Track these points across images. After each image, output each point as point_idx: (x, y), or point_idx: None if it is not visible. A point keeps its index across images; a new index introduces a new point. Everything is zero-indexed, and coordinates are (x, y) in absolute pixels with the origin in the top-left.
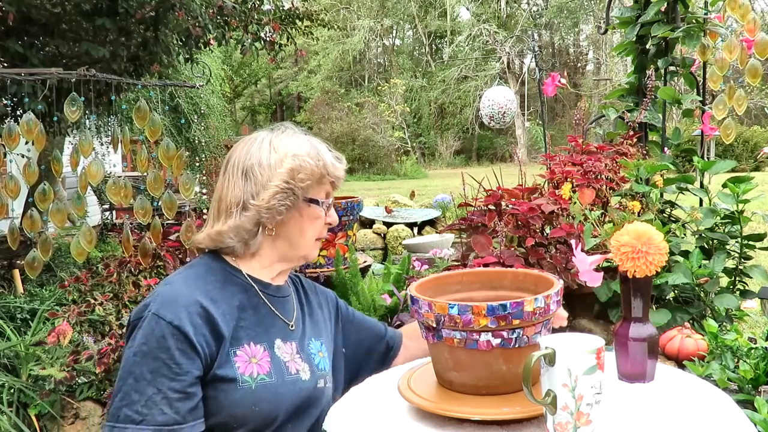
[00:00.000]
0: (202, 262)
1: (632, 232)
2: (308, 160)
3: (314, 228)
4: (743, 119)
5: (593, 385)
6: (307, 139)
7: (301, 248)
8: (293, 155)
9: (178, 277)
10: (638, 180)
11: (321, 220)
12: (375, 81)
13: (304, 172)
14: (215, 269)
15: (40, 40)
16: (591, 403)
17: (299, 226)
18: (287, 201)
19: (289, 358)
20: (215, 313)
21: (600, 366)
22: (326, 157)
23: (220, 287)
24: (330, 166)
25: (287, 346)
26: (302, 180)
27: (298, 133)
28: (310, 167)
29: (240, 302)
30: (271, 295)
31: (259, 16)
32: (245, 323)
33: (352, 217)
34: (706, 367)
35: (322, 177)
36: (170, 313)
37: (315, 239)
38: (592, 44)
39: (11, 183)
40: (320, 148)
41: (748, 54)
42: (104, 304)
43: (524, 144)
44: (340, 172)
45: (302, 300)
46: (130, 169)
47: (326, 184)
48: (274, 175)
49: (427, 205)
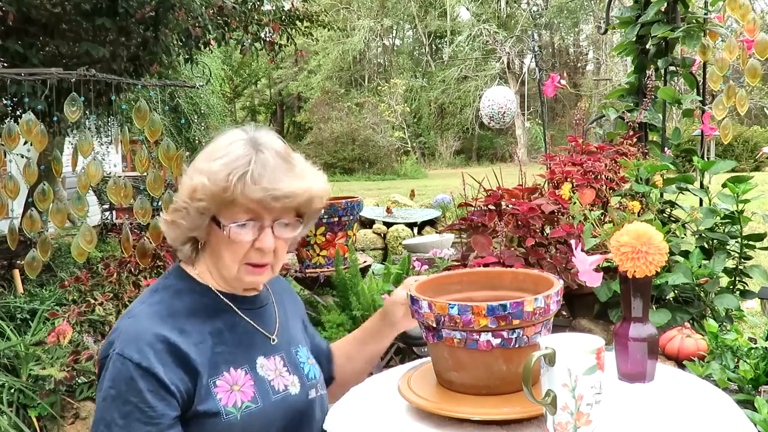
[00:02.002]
0: (168, 285)
1: (632, 232)
2: (206, 181)
3: (232, 252)
4: (743, 119)
5: (593, 385)
6: (245, 149)
7: (223, 270)
8: (198, 170)
9: (141, 308)
10: (638, 180)
11: (238, 245)
12: (375, 81)
13: (201, 193)
14: (182, 292)
15: (40, 40)
16: (591, 403)
17: (217, 247)
18: (185, 221)
19: (273, 376)
20: (185, 347)
21: (600, 366)
22: (235, 178)
23: (189, 314)
24: (243, 188)
25: (270, 361)
26: (200, 200)
27: (240, 138)
28: (209, 189)
29: (213, 327)
30: (248, 309)
31: (259, 17)
32: (222, 348)
33: (352, 217)
34: (706, 367)
35: (227, 200)
36: (136, 353)
37: (240, 263)
38: (592, 44)
39: (11, 183)
40: (238, 163)
41: (748, 54)
42: (104, 304)
43: (524, 144)
44: (260, 194)
45: (284, 304)
46: (130, 169)
47: (245, 205)
48: (180, 190)
49: (427, 205)
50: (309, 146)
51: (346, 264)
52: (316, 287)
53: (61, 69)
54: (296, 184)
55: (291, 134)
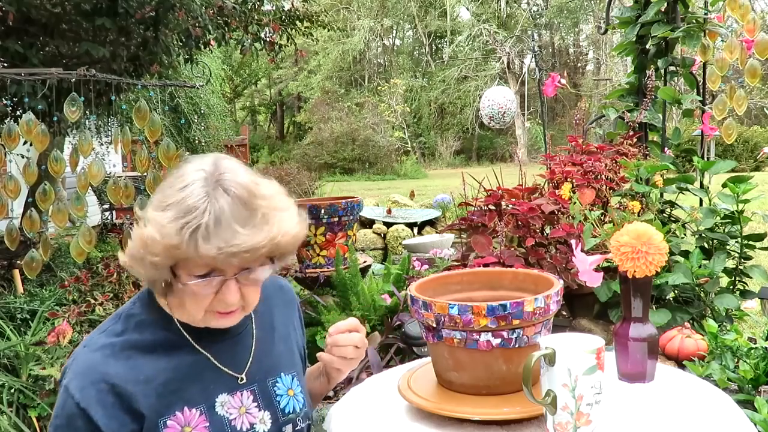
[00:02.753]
0: (133, 313)
1: (632, 232)
2: (156, 235)
3: (195, 303)
4: (743, 119)
5: (593, 385)
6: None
7: (189, 317)
8: (149, 219)
9: (98, 339)
10: (638, 180)
11: (201, 297)
12: (375, 81)
13: (153, 247)
14: (144, 324)
15: (40, 40)
16: (591, 403)
17: (179, 295)
18: (142, 270)
19: (237, 414)
20: (131, 387)
21: (600, 366)
22: (186, 235)
23: (147, 349)
24: (195, 246)
25: (236, 398)
26: (154, 255)
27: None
28: (160, 244)
29: (170, 364)
30: (215, 343)
31: (259, 17)
32: (176, 385)
33: (352, 217)
34: (706, 367)
35: (181, 256)
36: (78, 392)
37: (206, 311)
38: (592, 44)
39: (11, 183)
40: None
41: (748, 54)
42: (104, 304)
43: (524, 144)
44: (214, 252)
45: (272, 325)
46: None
47: (199, 262)
48: (134, 238)
49: (427, 205)
50: (309, 146)
51: (346, 264)
52: (316, 287)
53: (61, 69)
54: (256, 237)
55: (291, 134)
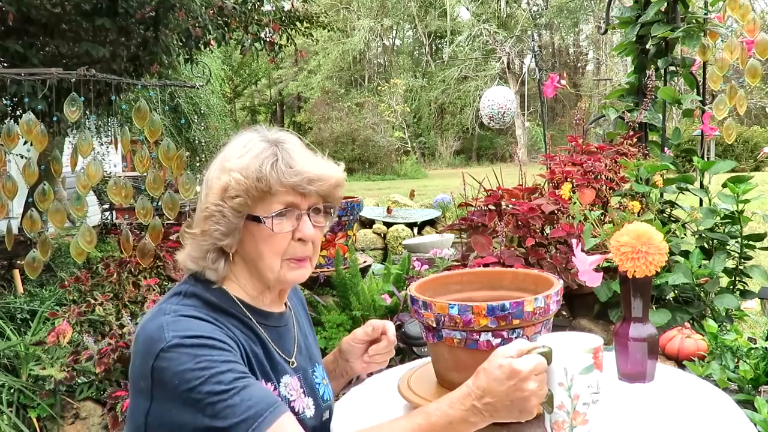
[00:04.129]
0: (196, 292)
1: (632, 232)
2: (239, 176)
3: (271, 247)
4: (743, 119)
5: (590, 385)
6: (265, 144)
7: (266, 271)
8: (228, 170)
9: (176, 307)
10: (638, 180)
11: (279, 237)
12: (375, 81)
13: (235, 190)
14: (214, 304)
15: (40, 40)
16: (588, 402)
17: (254, 247)
18: (220, 225)
19: (296, 396)
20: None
21: (597, 365)
22: (268, 167)
23: (224, 321)
24: (277, 175)
25: (294, 381)
26: (233, 198)
27: (254, 137)
28: (243, 183)
29: (244, 336)
30: (272, 327)
31: (259, 17)
32: (254, 358)
33: (352, 217)
34: (706, 367)
35: (263, 191)
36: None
37: (282, 259)
38: (592, 44)
39: (9, 183)
40: (265, 154)
41: (748, 54)
42: (104, 304)
43: (524, 144)
44: (295, 178)
45: (299, 321)
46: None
47: (280, 195)
48: (209, 195)
49: (427, 205)
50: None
51: (346, 264)
52: (316, 287)
53: (61, 69)
54: (325, 167)
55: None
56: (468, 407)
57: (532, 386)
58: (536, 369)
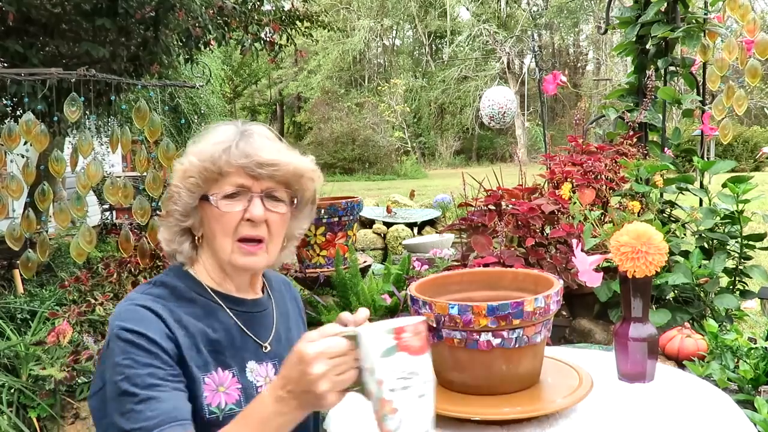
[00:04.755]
0: (167, 281)
1: (632, 232)
2: (194, 158)
3: (222, 226)
4: (743, 119)
5: (395, 369)
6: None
7: (220, 252)
8: (187, 154)
9: (139, 296)
10: (638, 180)
11: (228, 216)
12: (375, 81)
13: (189, 172)
14: (180, 290)
15: (40, 40)
16: (395, 388)
17: (209, 227)
18: (178, 206)
19: (263, 382)
20: (177, 333)
21: (403, 347)
22: (220, 150)
23: (186, 310)
24: (227, 157)
25: (262, 367)
26: (189, 177)
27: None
28: (197, 164)
29: (207, 325)
30: (245, 312)
31: (259, 17)
32: (213, 347)
33: (352, 217)
34: (706, 367)
35: (215, 172)
36: (137, 324)
37: (233, 240)
38: (592, 44)
39: (13, 183)
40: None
41: (748, 54)
42: (104, 304)
43: (524, 144)
44: (244, 159)
45: (288, 313)
46: (129, 169)
47: (232, 177)
48: (173, 178)
49: (427, 205)
50: (309, 146)
51: (346, 264)
52: (316, 287)
53: (61, 69)
54: (281, 155)
55: (291, 134)
56: (275, 397)
57: (317, 369)
58: (326, 351)
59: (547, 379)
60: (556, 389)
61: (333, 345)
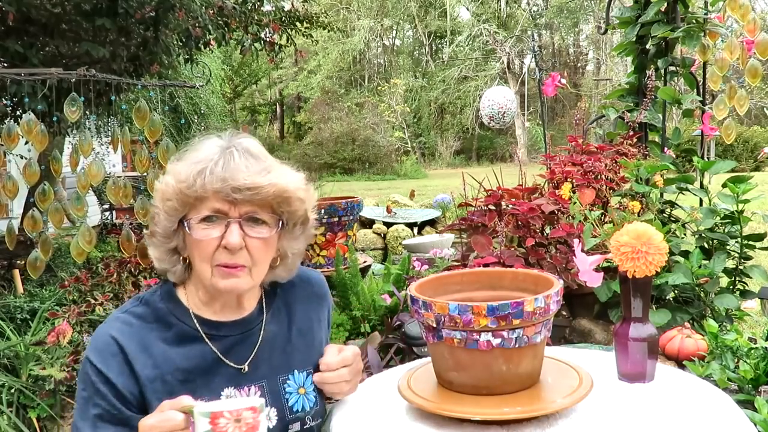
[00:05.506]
0: (152, 301)
1: (632, 232)
2: (171, 179)
3: (199, 252)
4: (743, 119)
5: None
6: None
7: (201, 276)
8: (167, 173)
9: (118, 315)
10: (638, 180)
11: (205, 243)
12: (375, 81)
13: (167, 194)
14: (161, 312)
15: (40, 40)
16: None
17: (189, 251)
18: (158, 227)
19: None
20: (142, 369)
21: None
22: (196, 172)
23: (160, 337)
24: (203, 181)
25: (242, 393)
26: (167, 200)
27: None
28: (173, 186)
29: (179, 353)
30: (221, 337)
31: (259, 17)
32: (183, 376)
33: (352, 217)
34: (706, 367)
35: (191, 197)
36: (100, 362)
37: (212, 265)
38: (592, 44)
39: (9, 183)
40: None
41: (748, 54)
42: (104, 304)
43: (524, 144)
44: (219, 184)
45: (290, 321)
46: (130, 170)
47: (209, 201)
48: (155, 198)
49: (427, 205)
50: (309, 146)
51: (346, 264)
52: None
53: (61, 69)
54: (260, 177)
55: (291, 134)
56: None
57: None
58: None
59: (547, 379)
60: (556, 389)
61: (166, 418)
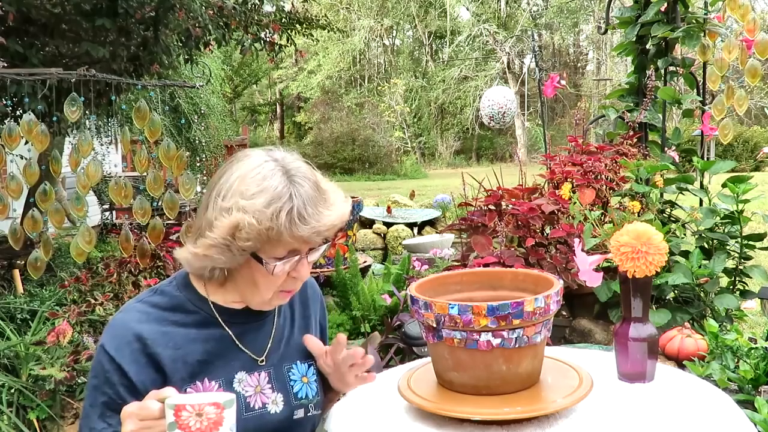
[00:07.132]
0: (169, 291)
1: (632, 232)
2: (253, 221)
3: (268, 283)
4: (743, 119)
5: None
6: (280, 179)
7: (256, 297)
8: (241, 208)
9: (135, 305)
10: (638, 180)
11: (276, 278)
12: (375, 81)
13: (246, 233)
14: (179, 300)
15: (40, 40)
16: None
17: (251, 277)
18: (224, 257)
19: (253, 392)
20: (163, 352)
21: (182, 426)
22: (283, 216)
23: (178, 322)
24: (290, 226)
25: (253, 378)
26: (245, 240)
27: (270, 168)
28: (255, 228)
29: (198, 336)
30: (241, 323)
31: (259, 17)
32: (202, 357)
33: (351, 217)
34: (706, 367)
35: (273, 240)
36: (114, 350)
37: (275, 292)
38: (592, 44)
39: (13, 183)
40: (280, 197)
41: (748, 54)
42: (104, 304)
43: (524, 144)
44: (306, 230)
45: (292, 316)
46: (130, 170)
47: (287, 242)
48: (217, 222)
49: (427, 205)
50: (309, 146)
51: (346, 264)
52: None
53: (61, 69)
54: (333, 216)
55: (291, 134)
56: None
57: (127, 427)
58: (137, 413)
59: (547, 379)
60: (556, 389)
61: (144, 407)
